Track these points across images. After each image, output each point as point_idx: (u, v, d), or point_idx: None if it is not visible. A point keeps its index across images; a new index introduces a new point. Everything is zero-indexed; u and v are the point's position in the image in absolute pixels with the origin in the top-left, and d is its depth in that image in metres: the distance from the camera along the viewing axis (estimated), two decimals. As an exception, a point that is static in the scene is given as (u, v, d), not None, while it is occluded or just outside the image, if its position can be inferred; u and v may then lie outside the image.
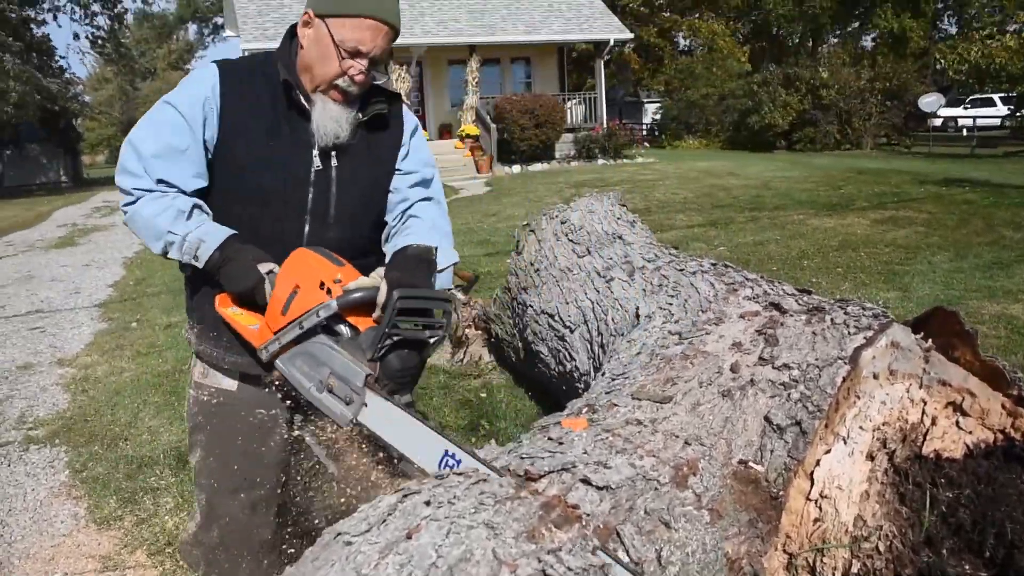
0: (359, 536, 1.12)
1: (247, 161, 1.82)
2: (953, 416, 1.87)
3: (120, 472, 3.69)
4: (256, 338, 1.75)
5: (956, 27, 40.92)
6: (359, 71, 1.75)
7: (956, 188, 12.15)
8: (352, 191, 1.89)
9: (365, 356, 1.56)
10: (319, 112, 1.79)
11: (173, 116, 1.79)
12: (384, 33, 1.75)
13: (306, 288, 1.67)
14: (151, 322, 6.64)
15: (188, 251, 1.76)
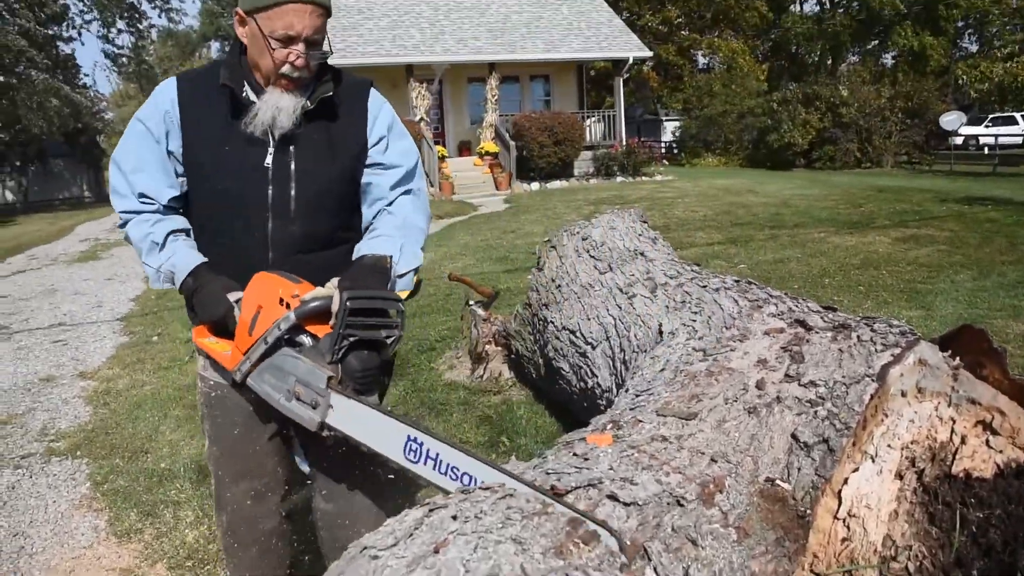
0: (386, 550, 1.12)
1: (209, 166, 1.90)
2: (983, 435, 1.84)
3: (141, 485, 3.70)
4: (229, 362, 1.85)
5: (977, 45, 40.80)
6: (296, 55, 1.79)
7: (978, 206, 12.05)
8: (312, 184, 1.92)
9: (325, 360, 1.64)
10: (260, 102, 1.85)
11: (141, 131, 1.91)
12: (310, 12, 1.77)
13: (267, 306, 1.76)
14: (172, 336, 6.69)
15: (165, 281, 1.90)
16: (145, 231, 1.90)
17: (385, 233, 1.93)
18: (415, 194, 2.05)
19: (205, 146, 1.89)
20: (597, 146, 22.81)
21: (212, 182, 1.90)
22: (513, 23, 22.88)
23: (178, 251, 1.89)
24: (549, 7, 24.06)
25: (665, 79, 38.10)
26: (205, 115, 1.89)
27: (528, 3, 23.99)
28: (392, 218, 1.98)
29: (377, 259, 1.84)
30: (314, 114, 1.90)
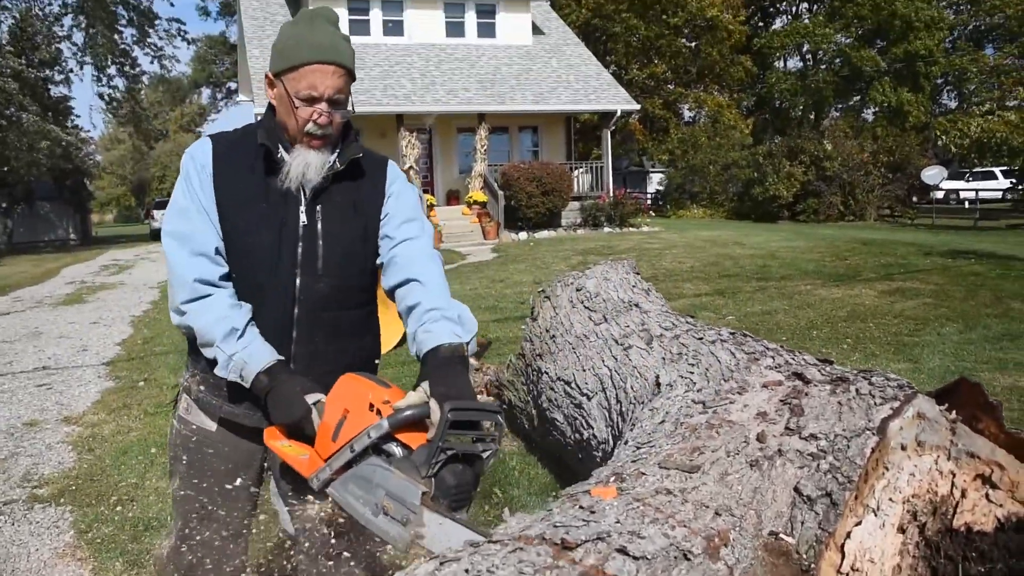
0: (399, 604, 1.11)
1: (244, 223, 1.93)
2: (982, 489, 1.85)
3: (126, 534, 3.64)
4: (306, 468, 1.76)
5: (956, 101, 41.75)
6: (319, 113, 1.87)
7: (962, 260, 12.21)
8: (338, 243, 1.97)
9: (419, 474, 1.54)
10: (291, 159, 1.92)
11: (195, 207, 1.93)
12: (332, 72, 1.87)
13: (355, 411, 1.68)
14: (159, 381, 6.63)
15: (233, 370, 1.85)
16: (221, 313, 1.87)
17: (435, 306, 1.87)
18: (426, 240, 2.06)
19: (240, 203, 1.93)
20: (584, 197, 23.03)
21: (247, 238, 1.93)
22: (503, 75, 23.23)
23: (254, 343, 1.87)
24: (539, 60, 24.45)
25: (651, 131, 38.67)
26: (239, 174, 1.94)
27: (518, 56, 24.38)
28: (427, 289, 1.93)
29: (454, 349, 1.78)
30: (341, 175, 1.98)
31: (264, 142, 1.93)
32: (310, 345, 1.98)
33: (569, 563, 1.28)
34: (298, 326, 1.97)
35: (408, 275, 1.96)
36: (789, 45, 40.66)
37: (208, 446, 2.06)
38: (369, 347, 2.14)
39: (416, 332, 1.86)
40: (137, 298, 12.38)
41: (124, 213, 55.31)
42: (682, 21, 37.42)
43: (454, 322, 1.84)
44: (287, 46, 1.88)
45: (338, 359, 2.01)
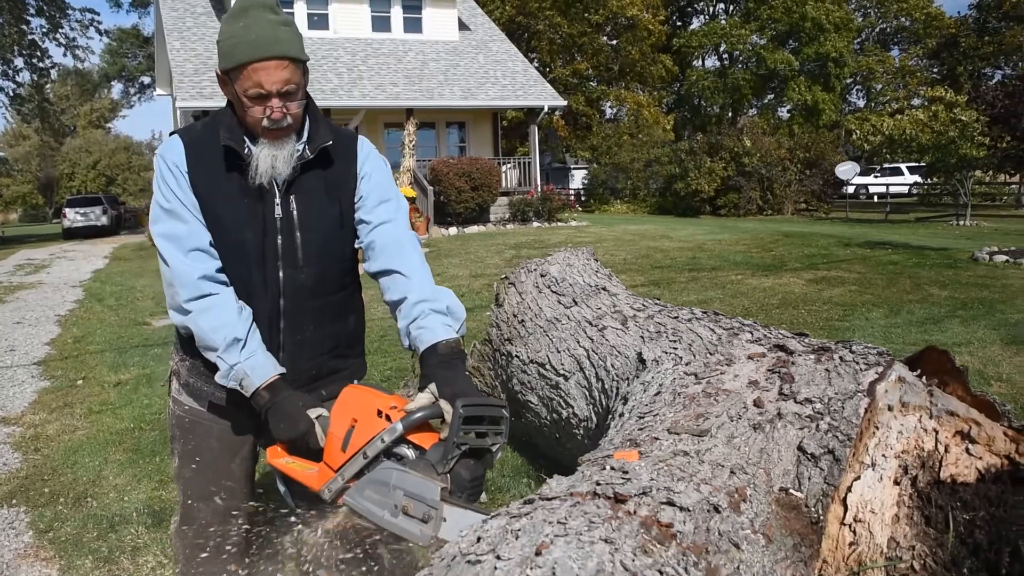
0: (486, 555, 1.16)
1: (228, 219, 1.92)
2: (962, 444, 2.00)
3: (90, 532, 3.56)
4: (316, 481, 1.78)
5: (864, 100, 43.58)
6: (275, 109, 1.82)
7: (880, 250, 12.79)
8: (315, 233, 1.97)
9: (436, 471, 1.59)
10: (255, 155, 1.88)
11: (179, 207, 1.90)
12: (276, 67, 1.80)
13: (364, 419, 1.71)
14: (99, 380, 6.44)
15: (234, 379, 1.86)
16: (224, 320, 1.86)
17: (422, 298, 1.89)
18: (403, 220, 2.05)
19: (220, 200, 1.91)
20: (513, 192, 23.16)
21: (231, 235, 1.92)
22: (431, 70, 23.17)
23: (256, 355, 1.86)
24: (466, 56, 24.47)
25: (574, 128, 39.13)
26: (214, 170, 1.91)
27: (445, 51, 24.35)
28: (411, 281, 1.93)
29: (451, 345, 1.81)
30: (312, 163, 1.95)
31: (227, 143, 1.89)
32: (297, 334, 2.01)
33: (626, 514, 1.35)
34: (285, 317, 1.98)
35: (389, 264, 1.95)
36: (707, 45, 41.73)
37: (201, 426, 2.09)
38: (352, 327, 2.16)
39: (408, 328, 1.87)
40: (60, 297, 11.93)
41: (31, 212, 52.96)
42: (603, 19, 38.02)
43: (444, 314, 1.86)
44: (227, 44, 1.82)
45: (325, 344, 2.06)
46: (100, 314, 10.00)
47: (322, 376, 2.07)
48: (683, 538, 1.34)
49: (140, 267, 16.09)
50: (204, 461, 2.09)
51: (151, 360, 7.02)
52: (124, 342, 8.03)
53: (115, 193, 36.61)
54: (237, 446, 2.11)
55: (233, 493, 2.11)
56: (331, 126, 2.02)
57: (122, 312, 10.02)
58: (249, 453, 2.14)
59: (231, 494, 2.11)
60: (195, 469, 2.10)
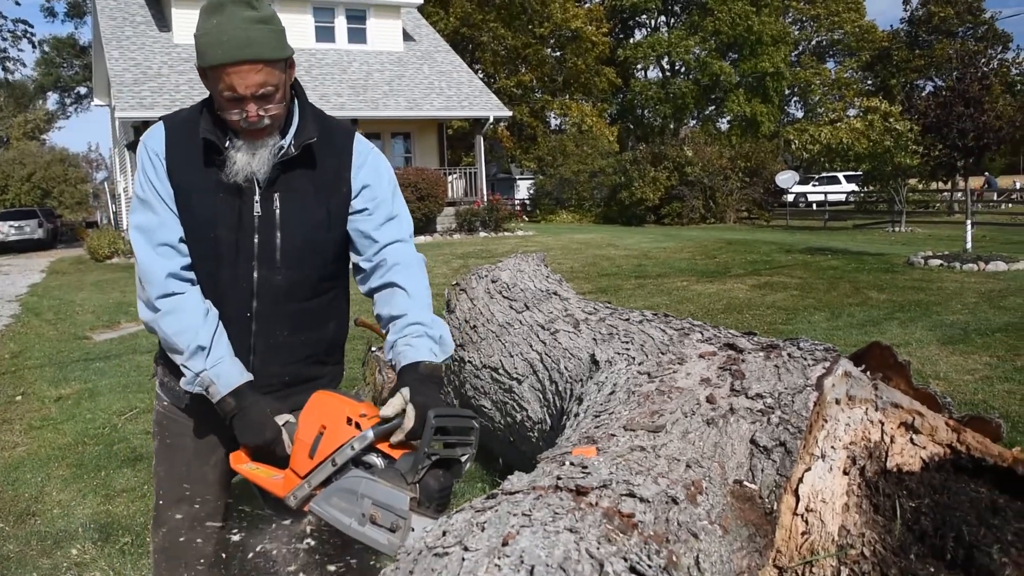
0: (453, 547, 1.17)
1: (203, 215, 1.85)
2: (907, 434, 2.07)
3: (34, 549, 3.45)
4: (281, 488, 1.76)
5: (802, 112, 44.71)
6: (250, 113, 1.74)
7: (820, 256, 13.12)
8: (297, 234, 1.89)
9: (406, 481, 1.57)
10: (234, 152, 1.81)
11: (155, 197, 1.85)
12: (250, 71, 1.70)
13: (333, 426, 1.69)
14: (38, 395, 6.25)
15: (199, 386, 1.82)
16: (188, 324, 1.81)
17: (419, 320, 1.85)
18: (410, 240, 1.99)
19: (197, 193, 1.84)
20: (459, 202, 23.19)
21: (205, 230, 1.85)
22: (375, 80, 23.09)
23: (221, 362, 1.81)
24: (411, 67, 24.44)
25: (519, 139, 39.33)
26: (194, 161, 1.84)
27: (390, 62, 24.29)
28: (412, 301, 1.88)
29: (432, 368, 1.78)
30: (298, 160, 1.86)
31: (207, 135, 1.81)
32: (270, 338, 1.93)
33: (588, 506, 1.37)
34: (258, 319, 1.91)
35: (394, 279, 1.89)
36: (650, 56, 42.34)
37: (177, 423, 2.02)
38: (332, 334, 2.06)
39: (396, 343, 1.83)
40: (-7, 312, 11.58)
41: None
42: (548, 31, 38.33)
43: (435, 341, 1.83)
44: (201, 43, 1.73)
45: (300, 350, 1.98)
46: (38, 328, 9.71)
47: (296, 383, 1.99)
48: (644, 527, 1.36)
49: (79, 281, 15.66)
50: (178, 460, 2.03)
51: (93, 374, 6.84)
52: (64, 356, 7.80)
53: (51, 206, 35.58)
54: (211, 448, 2.02)
55: (205, 501, 2.04)
56: (322, 120, 1.93)
57: (61, 326, 9.75)
58: (224, 458, 2.03)
59: (203, 501, 2.04)
60: (168, 468, 2.05)
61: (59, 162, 39.06)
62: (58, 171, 38.29)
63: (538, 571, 1.06)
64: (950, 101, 13.30)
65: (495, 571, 1.06)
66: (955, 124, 13.12)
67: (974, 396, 4.84)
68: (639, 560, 1.19)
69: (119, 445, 4.79)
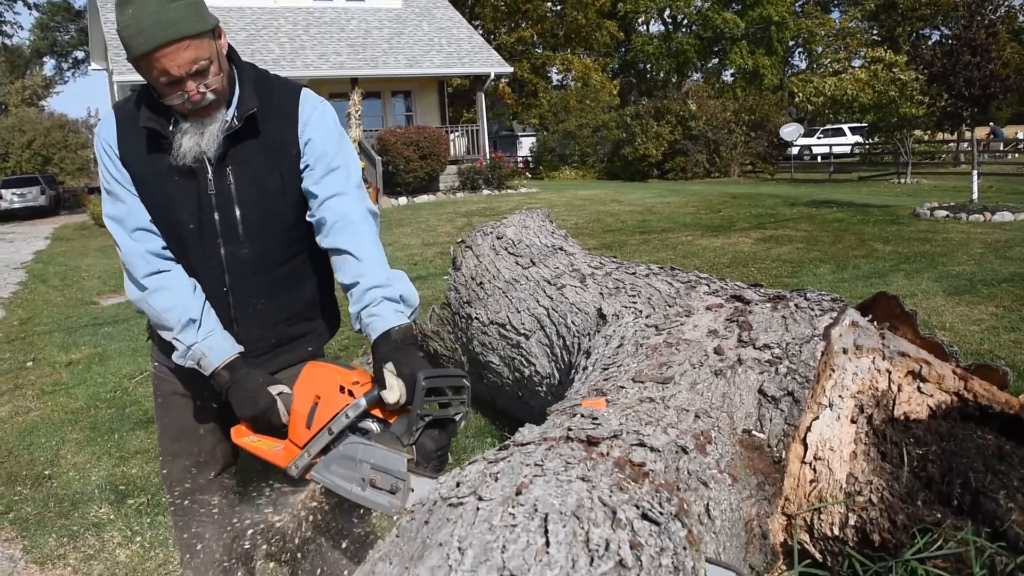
0: (467, 497, 1.19)
1: (161, 198, 1.86)
2: (914, 383, 2.08)
3: (52, 511, 3.51)
4: (282, 458, 1.79)
5: (806, 63, 44.17)
6: (191, 92, 1.71)
7: (825, 208, 13.05)
8: (255, 206, 1.88)
9: (402, 443, 1.60)
10: (179, 136, 1.79)
11: (117, 186, 1.86)
12: (178, 49, 1.67)
13: (327, 396, 1.72)
14: (49, 360, 6.30)
15: (191, 359, 1.85)
16: (177, 300, 1.84)
17: (375, 284, 1.80)
18: (354, 192, 1.92)
19: (153, 178, 1.84)
20: (461, 160, 23.04)
21: (165, 215, 1.86)
22: (374, 38, 22.82)
23: (212, 334, 1.85)
24: (410, 23, 24.14)
25: (520, 96, 38.96)
26: (147, 147, 1.83)
27: (388, 19, 23.99)
28: (363, 264, 1.83)
29: (404, 331, 1.75)
30: (245, 132, 1.83)
31: (147, 124, 1.79)
32: (248, 308, 1.95)
33: (600, 455, 1.39)
34: (233, 293, 1.92)
35: (340, 244, 1.85)
36: (652, 9, 41.72)
37: (168, 382, 2.09)
38: (311, 293, 2.07)
39: (360, 314, 1.81)
40: (2, 280, 11.60)
41: (-38, 194, 50.98)
42: (548, -15, 37.76)
43: (396, 301, 1.80)
44: (124, 36, 1.69)
45: (280, 313, 2.01)
46: (45, 295, 9.75)
47: (283, 343, 2.03)
48: (655, 476, 1.38)
49: (83, 247, 15.69)
50: (171, 416, 2.11)
51: (102, 339, 6.88)
52: (73, 322, 7.85)
53: (52, 173, 35.45)
54: (201, 401, 2.07)
55: (201, 451, 2.10)
56: (265, 85, 1.89)
57: (68, 292, 9.78)
58: (215, 409, 2.07)
59: (199, 451, 2.10)
60: (163, 424, 2.14)
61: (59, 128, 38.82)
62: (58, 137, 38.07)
63: (552, 519, 1.07)
64: (956, 50, 13.12)
65: (509, 519, 1.08)
66: (961, 73, 12.97)
67: (980, 346, 4.84)
68: (651, 508, 1.20)
69: (131, 408, 4.84)
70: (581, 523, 1.08)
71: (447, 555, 1.03)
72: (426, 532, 1.15)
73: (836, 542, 1.89)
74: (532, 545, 1.02)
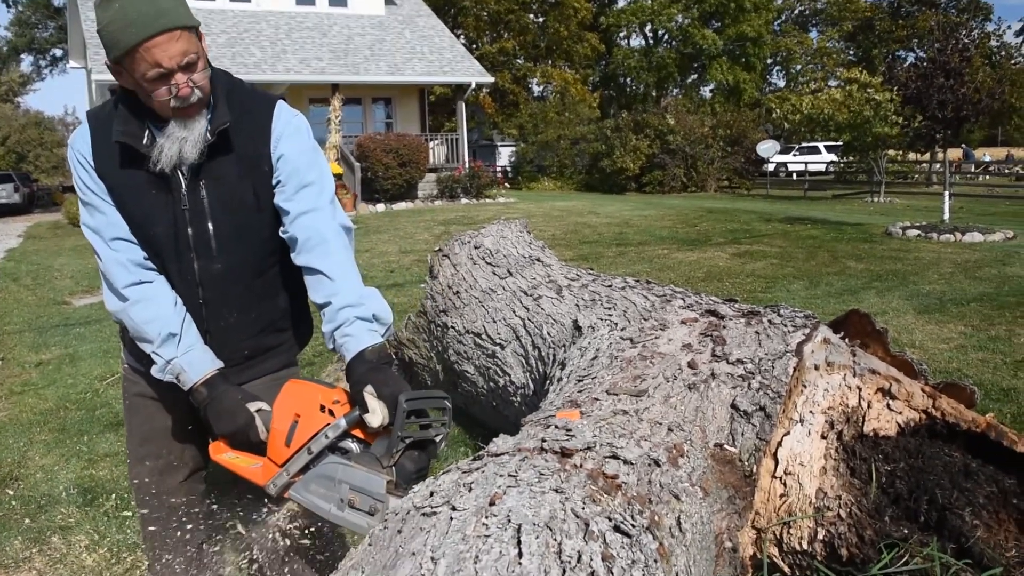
0: (441, 507, 1.19)
1: (138, 213, 1.84)
2: (884, 400, 2.11)
3: (18, 513, 3.46)
4: (260, 476, 1.77)
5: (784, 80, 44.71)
6: (181, 85, 1.69)
7: (799, 225, 13.20)
8: (227, 220, 1.87)
9: (382, 465, 1.59)
10: (164, 139, 1.76)
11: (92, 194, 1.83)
12: (170, 39, 1.65)
13: (307, 415, 1.71)
14: (19, 360, 6.21)
15: (170, 373, 1.83)
16: (158, 312, 1.82)
17: (347, 303, 1.79)
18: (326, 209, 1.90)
19: (129, 191, 1.82)
20: (440, 168, 23.04)
21: (142, 229, 1.85)
22: (356, 45, 22.79)
23: (192, 350, 1.83)
24: (391, 31, 24.14)
25: (501, 106, 39.06)
26: (122, 161, 1.80)
27: (371, 26, 23.97)
28: (335, 284, 1.82)
29: (377, 351, 1.74)
30: (219, 145, 1.82)
31: (120, 139, 1.76)
32: (221, 321, 1.95)
33: (573, 467, 1.40)
34: (207, 306, 1.92)
35: (312, 263, 1.84)
36: (633, 23, 42.05)
37: (137, 384, 2.07)
38: (284, 304, 2.07)
39: (334, 334, 1.79)
40: (-29, 277, 11.45)
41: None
42: (530, -4, 37.93)
43: (369, 321, 1.79)
44: (110, 32, 1.66)
45: (253, 326, 2.01)
46: (16, 294, 9.61)
47: (256, 355, 2.03)
48: (628, 489, 1.39)
49: (57, 246, 15.49)
50: (138, 419, 2.10)
51: (73, 339, 6.80)
52: (44, 322, 7.75)
53: (27, 170, 35.01)
54: (169, 404, 2.06)
55: (170, 452, 2.08)
56: (238, 97, 1.87)
57: (40, 291, 9.65)
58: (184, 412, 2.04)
59: (167, 453, 2.08)
60: (131, 426, 2.13)
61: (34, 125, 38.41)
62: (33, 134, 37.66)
63: (525, 530, 1.08)
64: (930, 72, 13.36)
65: (483, 530, 1.08)
66: (935, 95, 13.18)
67: (949, 364, 4.92)
68: (623, 520, 1.21)
69: (101, 410, 4.78)
70: (554, 534, 1.09)
71: (420, 564, 1.03)
72: (399, 541, 1.15)
73: (805, 556, 1.91)
74: (505, 556, 1.02)
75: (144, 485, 2.10)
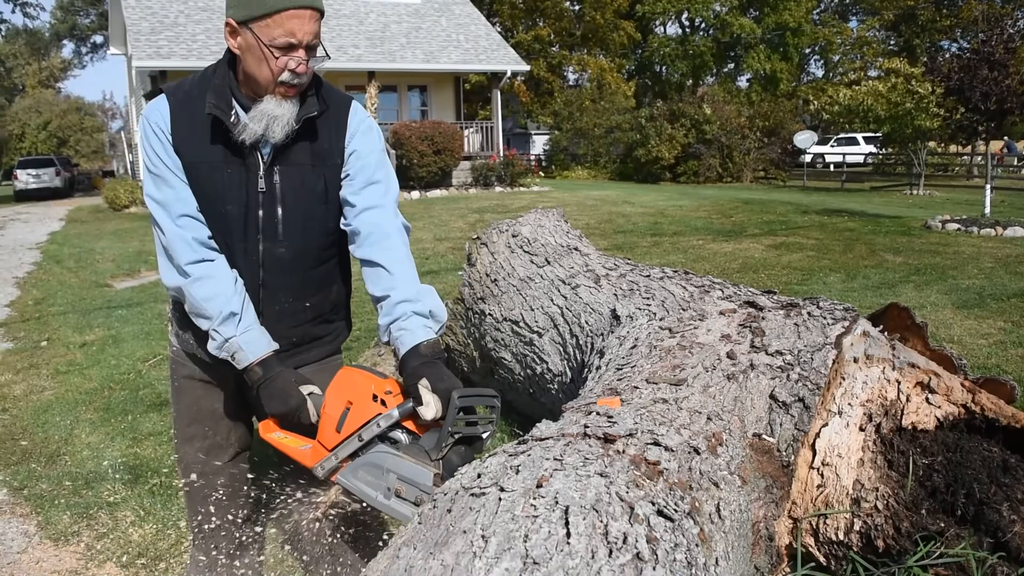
0: (490, 487, 1.23)
1: (211, 189, 1.88)
2: (923, 394, 2.11)
3: (66, 488, 3.57)
4: (309, 458, 1.82)
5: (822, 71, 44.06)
6: (298, 62, 1.76)
7: (836, 217, 13.05)
8: (297, 208, 1.92)
9: (430, 457, 1.64)
10: (254, 112, 1.81)
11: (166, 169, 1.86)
12: (309, 17, 1.74)
13: (359, 402, 1.75)
14: (63, 341, 6.38)
15: (226, 352, 1.87)
16: (219, 290, 1.85)
17: (405, 298, 1.85)
18: (390, 206, 1.98)
19: (205, 168, 1.87)
20: (475, 156, 23.09)
21: (214, 206, 1.89)
22: (392, 32, 22.88)
23: (251, 330, 1.87)
24: (428, 19, 24.20)
25: (536, 94, 38.96)
26: (200, 137, 1.86)
27: (407, 14, 24.05)
28: (395, 278, 1.87)
29: (432, 346, 1.80)
30: (301, 133, 1.88)
31: (212, 111, 1.81)
32: (276, 304, 2.00)
33: (616, 453, 1.43)
34: (264, 288, 1.97)
35: (373, 256, 1.89)
36: (670, 11, 41.65)
37: (184, 366, 2.13)
38: (335, 296, 2.13)
39: (390, 327, 1.85)
40: (17, 259, 11.71)
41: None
42: (566, -17, 37.74)
43: (425, 316, 1.85)
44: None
45: (305, 313, 2.06)
46: (60, 276, 9.84)
47: (304, 342, 2.09)
48: (669, 475, 1.42)
49: (98, 229, 15.79)
50: (186, 400, 2.16)
51: (116, 321, 6.96)
52: (87, 303, 7.93)
53: (67, 155, 35.65)
54: (218, 386, 2.13)
55: (216, 433, 2.14)
56: (324, 93, 1.93)
57: (82, 274, 9.87)
58: (232, 393, 2.14)
59: (213, 434, 2.14)
60: (179, 408, 2.18)
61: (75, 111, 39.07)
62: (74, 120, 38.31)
63: (573, 511, 1.12)
64: (974, 64, 13.12)
65: (531, 510, 1.12)
66: (978, 87, 12.94)
67: (988, 360, 4.87)
68: (665, 505, 1.25)
69: (144, 391, 4.90)
70: (600, 516, 1.13)
71: (471, 542, 1.07)
72: (449, 520, 1.19)
73: (840, 546, 1.93)
74: (554, 535, 1.06)
75: (191, 464, 2.16)
